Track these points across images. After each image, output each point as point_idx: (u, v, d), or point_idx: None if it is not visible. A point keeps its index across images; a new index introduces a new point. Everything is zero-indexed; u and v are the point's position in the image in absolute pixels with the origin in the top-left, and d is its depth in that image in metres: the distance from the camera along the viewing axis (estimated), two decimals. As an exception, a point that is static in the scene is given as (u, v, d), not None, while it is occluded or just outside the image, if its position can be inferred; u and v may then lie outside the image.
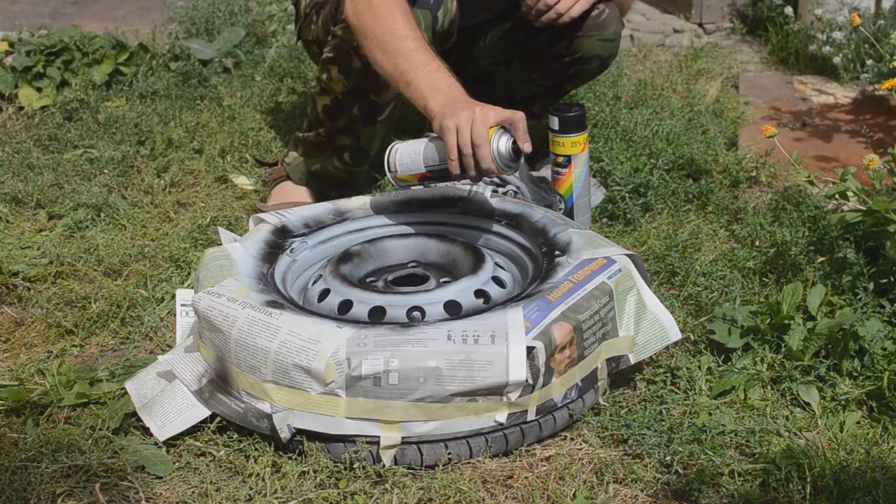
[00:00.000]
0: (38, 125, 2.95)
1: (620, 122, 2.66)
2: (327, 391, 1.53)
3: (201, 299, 1.66)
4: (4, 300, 2.11)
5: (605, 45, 2.36)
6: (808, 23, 3.39)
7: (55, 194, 2.50)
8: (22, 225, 2.39)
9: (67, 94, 3.09)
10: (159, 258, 2.20)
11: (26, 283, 2.13)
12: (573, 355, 1.60)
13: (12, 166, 2.68)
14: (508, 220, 1.94)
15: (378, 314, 1.70)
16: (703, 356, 1.77)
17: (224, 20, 3.51)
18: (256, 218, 1.95)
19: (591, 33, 2.33)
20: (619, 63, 3.33)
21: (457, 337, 1.53)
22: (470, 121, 1.79)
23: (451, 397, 1.52)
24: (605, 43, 2.36)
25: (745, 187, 2.45)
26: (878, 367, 1.70)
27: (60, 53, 3.18)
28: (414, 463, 1.56)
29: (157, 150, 2.71)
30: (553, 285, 1.66)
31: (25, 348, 1.94)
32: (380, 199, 2.03)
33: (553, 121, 2.16)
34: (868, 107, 2.97)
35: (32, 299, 2.09)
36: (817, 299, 1.82)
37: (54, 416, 1.71)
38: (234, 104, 2.95)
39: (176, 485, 1.56)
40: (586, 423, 1.66)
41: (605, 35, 2.34)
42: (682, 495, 1.51)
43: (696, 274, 2.02)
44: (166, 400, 1.65)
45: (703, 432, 1.59)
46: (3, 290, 2.13)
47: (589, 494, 1.51)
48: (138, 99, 3.08)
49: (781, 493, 1.48)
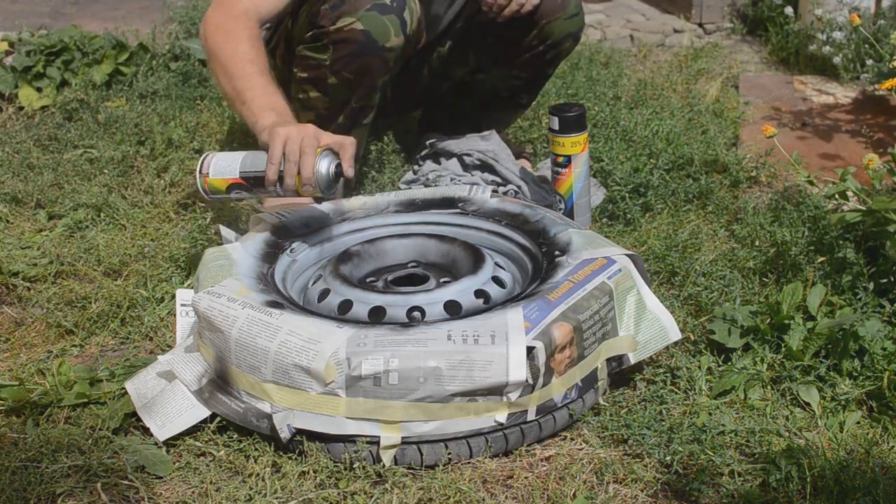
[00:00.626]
0: (38, 125, 2.95)
1: (620, 122, 2.66)
2: (327, 391, 1.53)
3: (201, 299, 1.66)
4: (4, 300, 2.11)
5: (572, 22, 2.36)
6: (808, 23, 3.39)
7: (55, 194, 2.50)
8: (22, 225, 2.39)
9: (67, 94, 3.09)
10: (159, 258, 2.20)
11: (26, 283, 2.13)
12: (573, 355, 1.60)
13: (12, 166, 2.68)
14: (508, 220, 1.94)
15: (378, 314, 1.70)
16: (703, 356, 1.77)
17: (224, 20, 3.51)
18: (256, 218, 1.95)
19: (556, 15, 2.33)
20: (619, 63, 3.33)
21: (457, 337, 1.53)
22: (302, 133, 1.80)
23: (451, 397, 1.52)
24: (573, 19, 2.36)
25: (745, 187, 2.45)
26: (878, 367, 1.70)
27: (60, 53, 3.18)
28: (414, 463, 1.56)
29: (157, 150, 2.71)
30: (553, 285, 1.66)
31: (25, 348, 1.94)
32: (380, 199, 2.03)
33: (553, 121, 2.16)
34: (868, 107, 2.97)
35: (32, 299, 2.09)
36: (817, 299, 1.82)
37: (54, 416, 1.71)
38: (234, 104, 2.94)
39: (176, 485, 1.56)
40: (586, 423, 1.66)
41: (569, 12, 2.34)
42: (682, 495, 1.51)
43: (696, 274, 2.02)
44: (166, 400, 1.65)
45: (703, 432, 1.59)
46: (3, 291, 2.13)
47: (589, 494, 1.51)
48: (138, 99, 3.08)
49: (781, 493, 1.48)
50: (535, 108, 2.84)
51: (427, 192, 2.04)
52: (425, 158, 2.45)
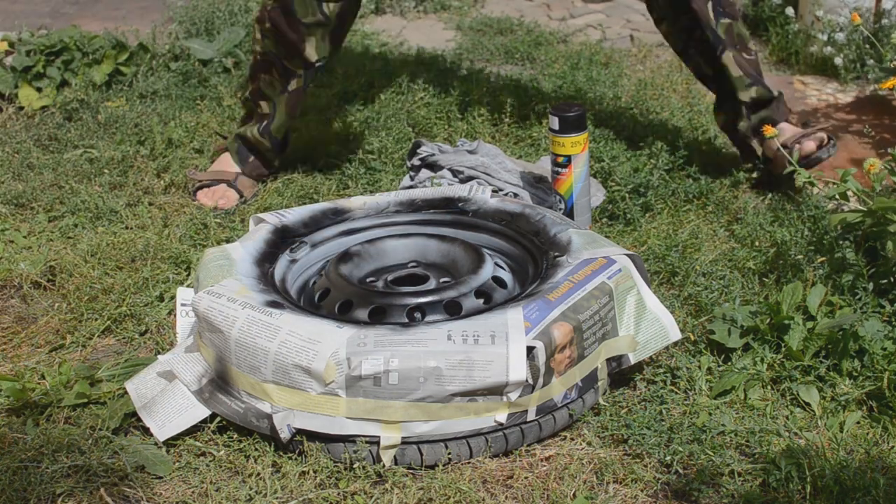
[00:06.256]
0: (38, 125, 2.95)
1: (620, 122, 2.66)
2: (327, 391, 1.53)
3: (201, 299, 1.66)
4: (5, 300, 2.11)
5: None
6: (808, 23, 3.39)
7: (55, 194, 2.50)
8: (22, 225, 2.39)
9: (67, 94, 3.09)
10: (159, 258, 2.20)
11: (27, 283, 2.13)
12: (573, 355, 1.60)
13: (12, 166, 2.68)
14: (508, 220, 1.93)
15: (378, 314, 1.70)
16: (703, 356, 1.77)
17: (224, 20, 3.52)
18: (256, 218, 1.96)
19: None
20: (619, 63, 3.33)
21: (457, 337, 1.53)
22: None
23: (451, 397, 1.52)
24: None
25: (746, 187, 2.45)
26: (878, 367, 1.71)
27: (60, 53, 3.18)
28: (414, 463, 1.56)
29: (157, 150, 2.71)
30: (553, 285, 1.66)
31: (26, 348, 1.94)
32: (380, 198, 2.03)
33: (553, 121, 2.16)
34: (869, 107, 2.97)
35: (33, 299, 2.09)
36: (817, 299, 1.82)
37: (54, 416, 1.71)
38: (234, 104, 2.95)
39: (176, 485, 1.56)
40: (586, 423, 1.66)
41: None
42: (682, 495, 1.51)
43: (696, 274, 2.02)
44: (166, 400, 1.65)
45: (703, 432, 1.59)
46: (3, 290, 2.13)
47: (589, 494, 1.51)
48: (138, 99, 3.08)
49: (781, 493, 1.48)
50: (535, 107, 2.84)
51: (427, 192, 2.04)
52: (418, 169, 2.44)
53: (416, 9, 4.09)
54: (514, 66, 3.39)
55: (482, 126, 2.75)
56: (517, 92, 2.94)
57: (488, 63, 3.42)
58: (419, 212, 2.00)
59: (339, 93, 3.02)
